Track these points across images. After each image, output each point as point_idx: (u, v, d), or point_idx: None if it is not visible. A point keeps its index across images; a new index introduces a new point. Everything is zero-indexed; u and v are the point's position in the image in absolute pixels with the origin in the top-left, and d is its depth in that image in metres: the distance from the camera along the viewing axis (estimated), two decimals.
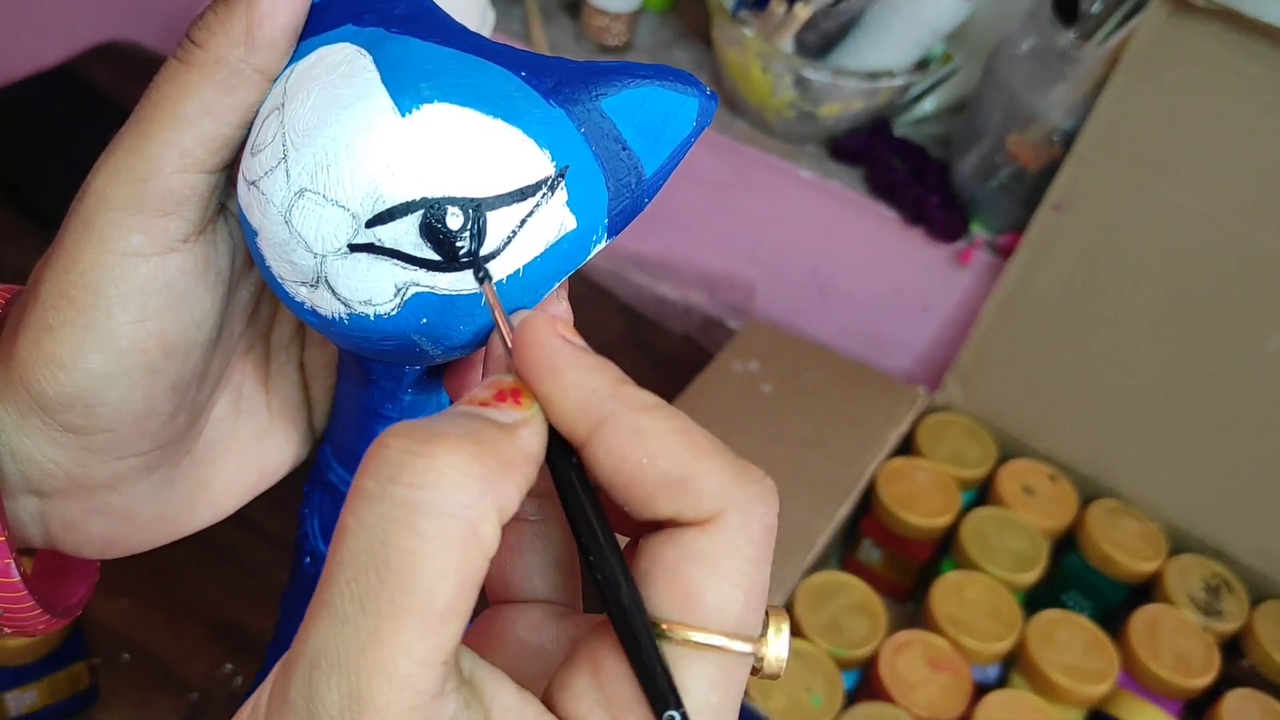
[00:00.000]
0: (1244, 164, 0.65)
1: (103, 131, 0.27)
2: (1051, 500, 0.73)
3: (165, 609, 0.62)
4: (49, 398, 0.26)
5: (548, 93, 0.24)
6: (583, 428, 0.21)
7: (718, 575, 0.20)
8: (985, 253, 0.79)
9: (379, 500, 0.18)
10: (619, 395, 0.21)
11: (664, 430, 0.20)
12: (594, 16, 0.86)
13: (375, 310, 0.24)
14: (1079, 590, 0.71)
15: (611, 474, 0.21)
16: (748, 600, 0.20)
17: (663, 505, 0.20)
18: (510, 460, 0.19)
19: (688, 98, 0.25)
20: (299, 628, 0.19)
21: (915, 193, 0.80)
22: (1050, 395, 0.76)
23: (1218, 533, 0.72)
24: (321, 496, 0.33)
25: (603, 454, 0.20)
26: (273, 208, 0.24)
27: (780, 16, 0.79)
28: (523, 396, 0.21)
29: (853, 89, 0.78)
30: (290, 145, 0.23)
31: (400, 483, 0.18)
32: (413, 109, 0.23)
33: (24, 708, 0.53)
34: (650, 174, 0.25)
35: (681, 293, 0.91)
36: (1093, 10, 0.71)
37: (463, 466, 0.18)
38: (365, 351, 0.26)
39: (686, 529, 0.20)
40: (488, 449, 0.19)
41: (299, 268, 0.24)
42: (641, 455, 0.20)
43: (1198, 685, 0.64)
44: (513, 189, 0.23)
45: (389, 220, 0.23)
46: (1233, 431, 0.71)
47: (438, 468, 0.18)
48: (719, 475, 0.20)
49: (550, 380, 0.21)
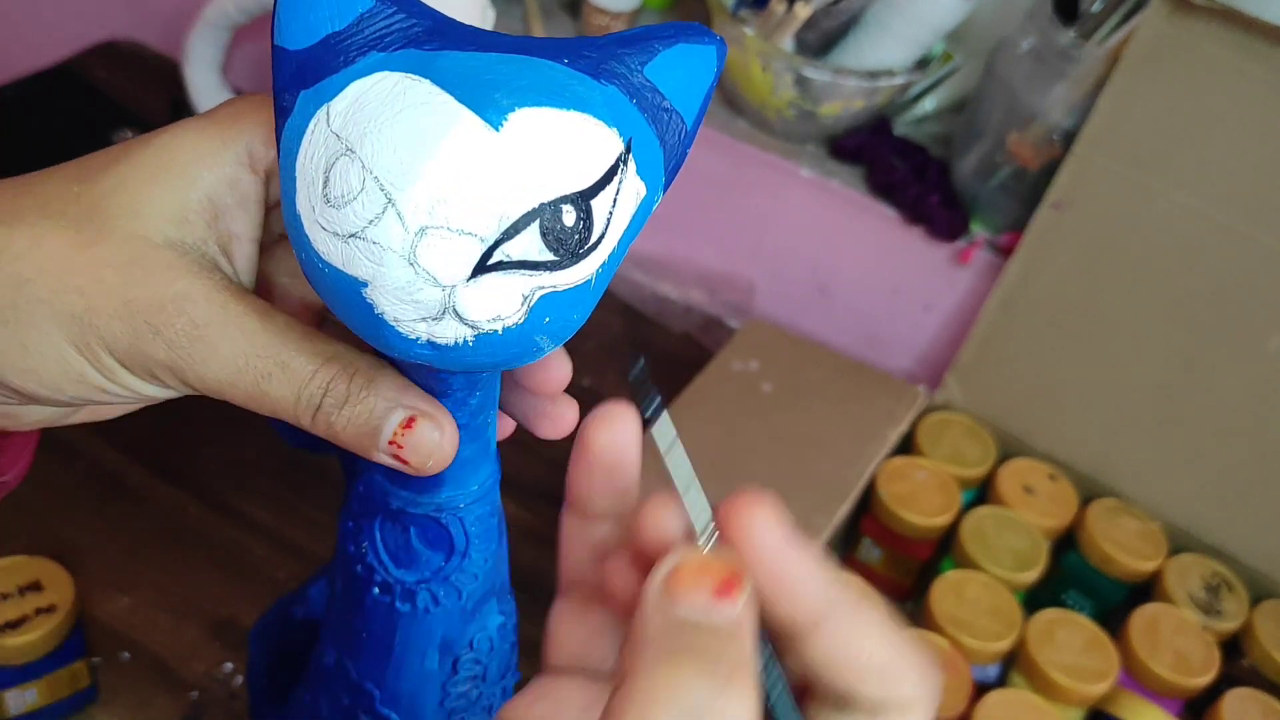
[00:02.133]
0: (1245, 163, 0.65)
1: (104, 130, 0.27)
2: (1051, 499, 0.73)
3: (165, 607, 0.62)
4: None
5: (595, 73, 0.25)
6: (813, 614, 0.22)
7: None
8: (985, 252, 0.79)
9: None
10: (842, 582, 0.23)
11: (882, 621, 0.23)
12: (594, 15, 0.86)
13: (504, 324, 0.24)
14: (1079, 589, 0.71)
15: (832, 657, 0.22)
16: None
17: (873, 689, 0.22)
18: (743, 662, 0.20)
19: (707, 46, 0.26)
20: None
21: (915, 192, 0.80)
22: (1050, 394, 0.76)
23: (1218, 532, 0.72)
24: (382, 524, 0.33)
25: (826, 639, 0.22)
26: (390, 254, 0.23)
27: (780, 15, 0.79)
28: (738, 587, 0.21)
29: (853, 88, 0.78)
30: (391, 187, 0.23)
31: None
32: (502, 121, 0.23)
33: (24, 706, 0.53)
34: (690, 125, 0.26)
35: (681, 292, 0.91)
36: (1093, 9, 0.71)
37: (746, 693, 0.20)
38: (483, 367, 0.26)
39: (889, 715, 0.23)
40: (740, 670, 0.20)
41: (423, 305, 0.24)
42: (866, 643, 0.22)
43: (1198, 684, 0.64)
44: (603, 172, 0.24)
45: (514, 234, 0.23)
46: (1233, 431, 0.71)
47: (735, 707, 0.20)
48: (917, 669, 0.23)
49: (781, 578, 0.22)
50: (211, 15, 0.82)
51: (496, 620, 0.35)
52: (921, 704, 0.23)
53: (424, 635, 0.34)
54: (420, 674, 0.34)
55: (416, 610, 0.33)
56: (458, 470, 0.31)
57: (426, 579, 0.33)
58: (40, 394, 0.26)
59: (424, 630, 0.34)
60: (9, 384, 0.26)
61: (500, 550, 0.34)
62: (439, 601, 0.33)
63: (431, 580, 0.33)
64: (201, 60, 0.85)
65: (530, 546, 0.67)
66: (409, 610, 0.33)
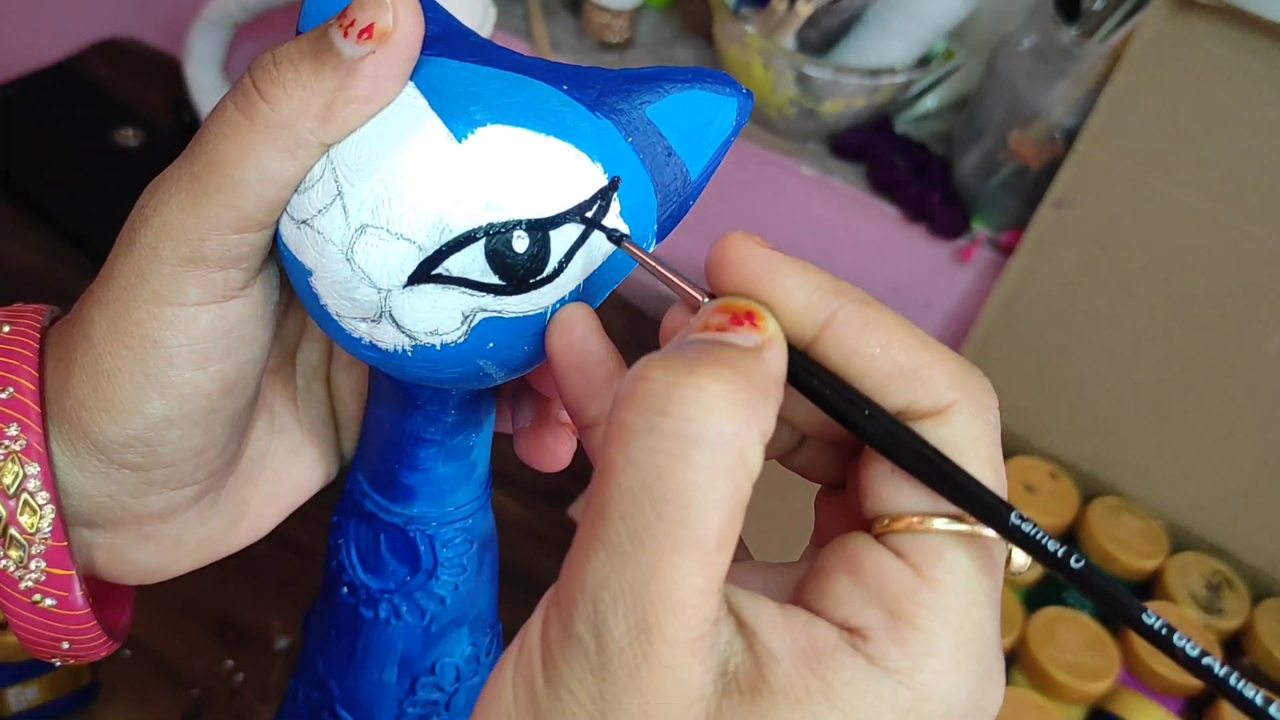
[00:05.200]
0: (1246, 161, 0.65)
1: (104, 128, 0.26)
2: (1053, 498, 0.73)
3: (166, 606, 0.62)
4: (108, 438, 0.26)
5: (592, 104, 0.24)
6: (810, 326, 0.21)
7: (964, 459, 0.20)
8: (986, 250, 0.79)
9: (647, 434, 0.18)
10: (841, 290, 0.21)
11: (892, 322, 0.20)
12: (595, 13, 0.86)
13: (442, 340, 0.23)
14: None
15: (842, 368, 0.20)
16: (997, 482, 0.20)
17: (898, 395, 0.20)
18: (764, 384, 0.19)
19: (726, 98, 0.25)
20: (565, 566, 0.19)
21: (917, 190, 0.80)
22: (1051, 392, 0.76)
23: (1219, 530, 0.72)
24: (357, 525, 0.32)
25: (832, 349, 0.20)
26: (332, 246, 0.23)
27: (782, 13, 0.79)
28: (758, 318, 0.20)
29: (854, 86, 0.78)
30: (344, 181, 0.23)
31: (670, 415, 0.18)
32: (468, 134, 0.22)
33: (25, 704, 0.53)
34: (695, 176, 0.25)
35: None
36: (1095, 7, 0.70)
37: (728, 394, 0.18)
38: (426, 381, 0.25)
39: (924, 421, 0.20)
40: (744, 374, 0.19)
41: (360, 304, 0.23)
42: (875, 345, 0.20)
43: (1198, 683, 0.64)
44: (572, 205, 0.23)
45: (456, 249, 0.22)
46: (1234, 429, 0.71)
47: (705, 399, 0.18)
48: (948, 365, 0.20)
49: (773, 285, 0.21)
50: (213, 13, 0.82)
51: (465, 650, 0.34)
52: (966, 405, 0.20)
53: (384, 646, 0.33)
54: (378, 685, 0.33)
55: (378, 619, 0.32)
56: (432, 487, 0.30)
57: (390, 590, 0.32)
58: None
59: (384, 641, 0.33)
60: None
61: (479, 581, 0.33)
62: (400, 616, 0.32)
63: (395, 592, 0.32)
64: (203, 58, 0.84)
65: (530, 546, 0.67)
66: (371, 617, 0.32)
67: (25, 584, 0.26)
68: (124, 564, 0.29)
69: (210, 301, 0.25)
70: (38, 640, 0.27)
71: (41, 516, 0.26)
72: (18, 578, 0.26)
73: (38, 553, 0.26)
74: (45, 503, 0.26)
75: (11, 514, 0.25)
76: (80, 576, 0.27)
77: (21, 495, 0.25)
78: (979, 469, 0.20)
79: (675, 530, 0.18)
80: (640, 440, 0.18)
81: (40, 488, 0.26)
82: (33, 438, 0.25)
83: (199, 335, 0.25)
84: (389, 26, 0.22)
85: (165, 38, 1.00)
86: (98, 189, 0.82)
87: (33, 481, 0.25)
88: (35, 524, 0.26)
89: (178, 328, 0.25)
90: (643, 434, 0.18)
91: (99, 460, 0.26)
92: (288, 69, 0.23)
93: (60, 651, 0.28)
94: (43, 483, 0.26)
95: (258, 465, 0.31)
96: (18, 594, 0.26)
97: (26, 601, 0.26)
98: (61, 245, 0.79)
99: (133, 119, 0.87)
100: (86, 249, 0.78)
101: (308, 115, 0.23)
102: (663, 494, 0.18)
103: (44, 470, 0.25)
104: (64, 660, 0.28)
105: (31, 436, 0.25)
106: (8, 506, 0.25)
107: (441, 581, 0.32)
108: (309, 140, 0.23)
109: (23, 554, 0.26)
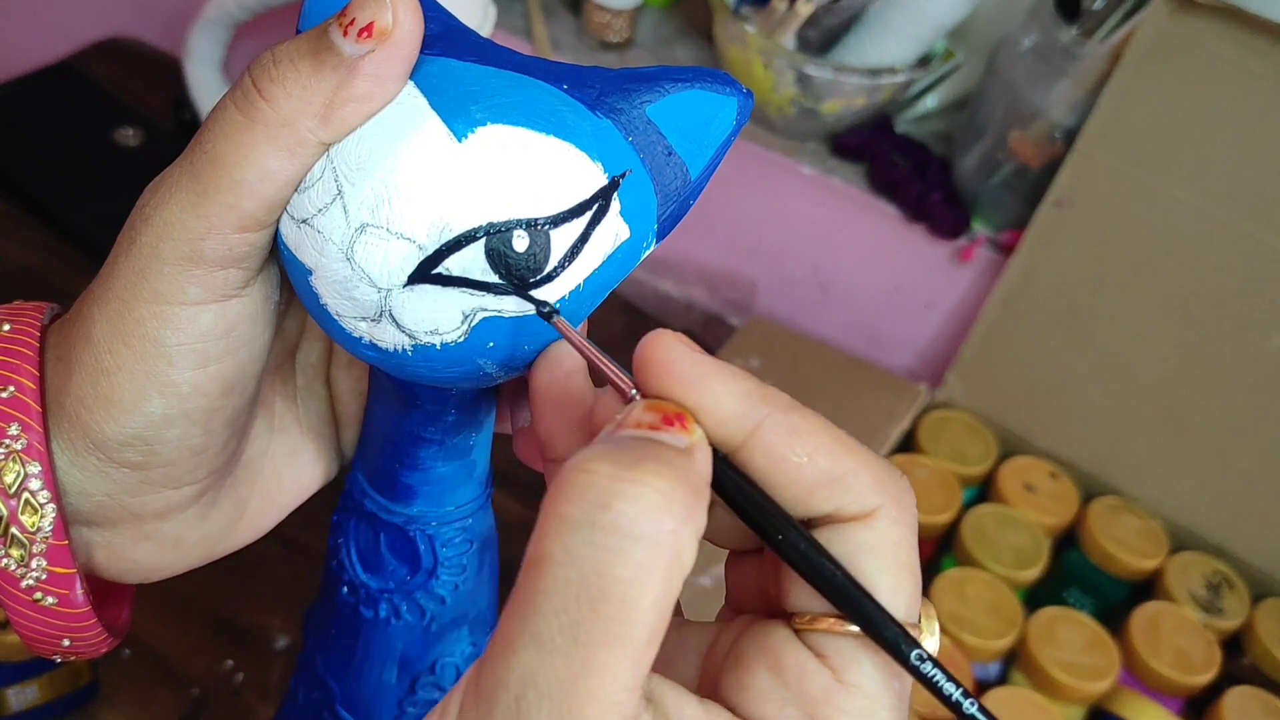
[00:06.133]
0: (1246, 161, 0.65)
1: (104, 128, 0.26)
2: (1052, 497, 0.73)
3: (166, 605, 0.62)
4: (107, 437, 0.26)
5: (592, 104, 0.24)
6: (738, 433, 0.21)
7: (886, 565, 0.20)
8: (987, 250, 0.79)
9: (587, 528, 0.18)
10: (768, 397, 0.21)
11: (818, 428, 0.21)
12: (595, 13, 0.86)
13: (442, 339, 0.23)
14: (1080, 587, 0.71)
15: (768, 474, 0.21)
16: (914, 588, 0.21)
17: (824, 501, 0.21)
18: (698, 485, 0.19)
19: (727, 97, 0.25)
20: (486, 657, 0.19)
21: (917, 189, 0.80)
22: (1052, 392, 0.76)
23: (1219, 530, 0.72)
24: (357, 525, 0.32)
25: (760, 456, 0.21)
26: (331, 246, 0.23)
27: (782, 13, 0.79)
28: (687, 420, 0.21)
29: (854, 85, 0.78)
30: (344, 180, 0.23)
31: (611, 510, 0.18)
32: (468, 133, 0.22)
33: (25, 703, 0.53)
34: (695, 176, 0.25)
35: (682, 289, 0.91)
36: (1095, 7, 0.70)
37: (668, 492, 0.18)
38: (426, 380, 0.25)
39: (848, 525, 0.21)
40: (681, 473, 0.19)
41: (360, 304, 0.23)
42: (802, 453, 0.21)
43: (1198, 683, 0.64)
44: (572, 205, 0.23)
45: (456, 249, 0.22)
46: (1234, 429, 0.71)
47: (648, 495, 0.18)
48: (872, 470, 0.21)
49: (700, 392, 0.21)
50: (213, 12, 0.82)
51: (465, 650, 0.34)
52: (890, 509, 0.21)
53: (383, 646, 0.33)
54: (378, 684, 0.33)
55: (378, 618, 0.32)
56: (432, 486, 0.30)
57: (390, 589, 0.32)
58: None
59: (384, 640, 0.33)
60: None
61: (479, 581, 0.33)
62: (400, 615, 0.32)
63: (395, 592, 0.32)
64: (203, 58, 0.84)
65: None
66: (371, 617, 0.32)
67: (26, 582, 0.26)
68: (123, 562, 0.29)
69: (210, 300, 0.25)
70: (39, 638, 0.27)
71: (42, 515, 0.26)
72: (19, 576, 0.26)
73: (39, 551, 0.26)
74: (46, 501, 0.26)
75: (13, 513, 0.26)
76: (81, 575, 0.27)
77: (23, 494, 0.26)
78: (898, 573, 0.21)
79: (610, 626, 0.18)
80: (579, 535, 0.18)
81: (41, 487, 0.26)
82: (34, 437, 0.25)
83: (199, 334, 0.25)
84: (389, 25, 0.22)
85: (165, 37, 1.00)
86: (98, 189, 0.82)
87: (34, 480, 0.26)
88: (36, 523, 0.26)
89: (178, 327, 0.25)
90: (582, 527, 0.18)
91: (98, 459, 0.26)
92: (287, 68, 0.23)
93: (61, 649, 0.28)
94: (44, 482, 0.26)
95: (257, 464, 0.31)
96: (19, 592, 0.26)
97: (28, 600, 0.26)
98: (61, 245, 0.79)
99: (133, 118, 0.87)
100: (86, 248, 0.78)
101: (308, 114, 0.23)
102: (601, 589, 0.18)
103: (45, 469, 0.26)
104: (65, 657, 0.28)
105: (32, 435, 0.25)
106: (9, 505, 0.25)
107: (441, 581, 0.32)
108: (309, 139, 0.23)
109: (24, 553, 0.26)
